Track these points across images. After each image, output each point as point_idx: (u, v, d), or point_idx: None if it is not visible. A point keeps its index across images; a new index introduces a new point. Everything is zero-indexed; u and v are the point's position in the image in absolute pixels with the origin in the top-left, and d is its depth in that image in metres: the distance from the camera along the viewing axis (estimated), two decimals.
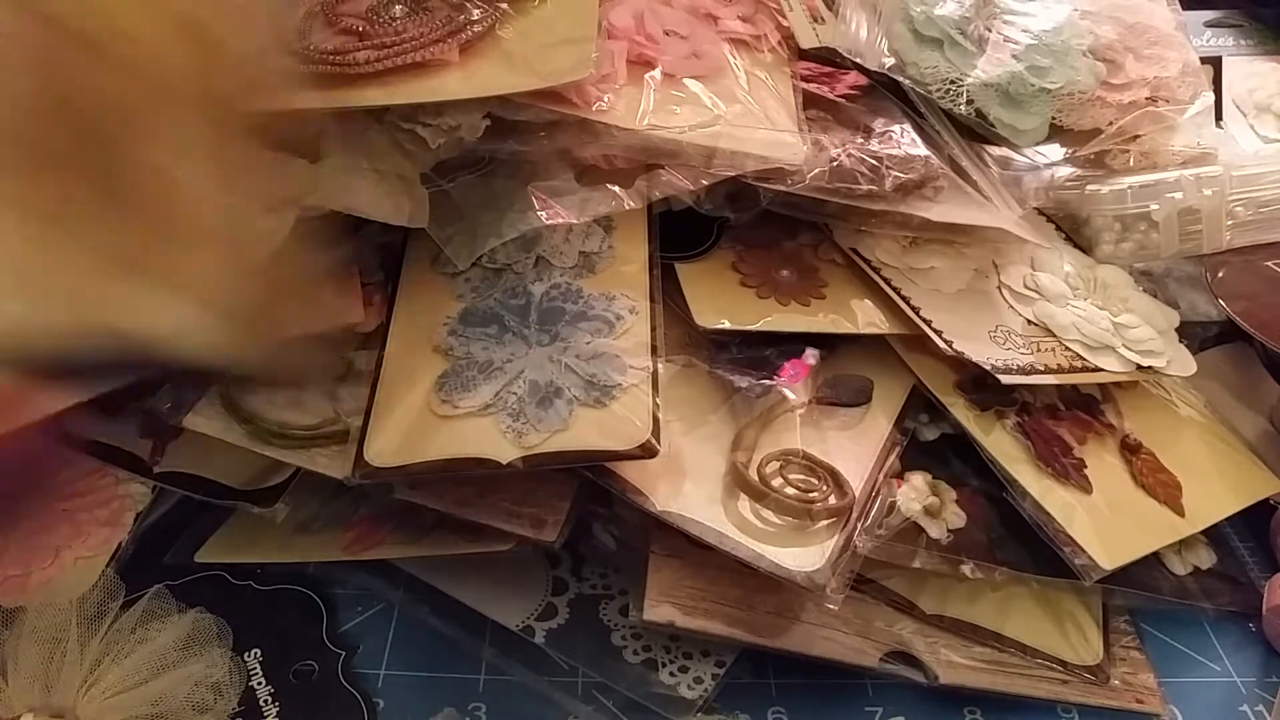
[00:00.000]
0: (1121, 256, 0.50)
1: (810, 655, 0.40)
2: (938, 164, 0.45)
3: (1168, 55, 0.52)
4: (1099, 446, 0.45)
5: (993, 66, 0.48)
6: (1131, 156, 0.51)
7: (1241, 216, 0.51)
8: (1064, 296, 0.47)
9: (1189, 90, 0.52)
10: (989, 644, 0.41)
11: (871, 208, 0.44)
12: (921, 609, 0.41)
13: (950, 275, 0.46)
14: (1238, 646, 0.43)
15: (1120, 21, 0.53)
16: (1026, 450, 0.43)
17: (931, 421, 0.45)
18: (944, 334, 0.43)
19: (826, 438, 0.42)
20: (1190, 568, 0.44)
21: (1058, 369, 0.44)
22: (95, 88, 0.22)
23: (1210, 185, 0.50)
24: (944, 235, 0.46)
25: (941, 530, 0.41)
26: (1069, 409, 0.46)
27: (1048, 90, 0.48)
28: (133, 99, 0.22)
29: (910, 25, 0.49)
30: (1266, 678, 0.42)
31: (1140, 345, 0.46)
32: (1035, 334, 0.46)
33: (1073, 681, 0.40)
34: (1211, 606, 0.43)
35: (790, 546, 0.38)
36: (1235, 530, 0.47)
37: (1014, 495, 0.42)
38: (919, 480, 0.42)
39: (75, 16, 0.21)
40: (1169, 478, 0.44)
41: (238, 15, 0.24)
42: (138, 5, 0.23)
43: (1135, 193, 0.50)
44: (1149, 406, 0.48)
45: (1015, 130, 0.48)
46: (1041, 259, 0.49)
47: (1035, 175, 0.49)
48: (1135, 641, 0.43)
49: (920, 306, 0.44)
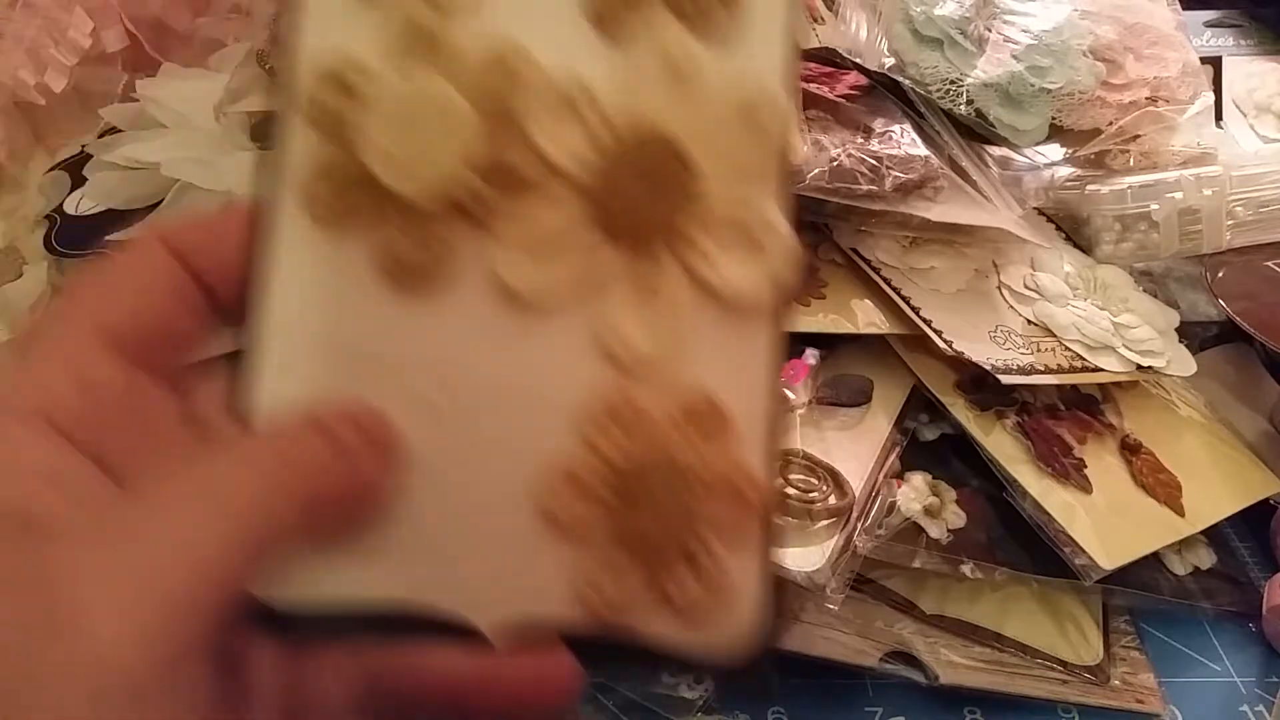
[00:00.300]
0: (1121, 256, 0.50)
1: (810, 655, 0.40)
2: (938, 164, 0.45)
3: (1168, 55, 0.52)
4: (1099, 446, 0.45)
5: (993, 66, 0.48)
6: (1131, 156, 0.51)
7: (1241, 216, 0.51)
8: (1064, 296, 0.47)
9: (1189, 90, 0.52)
10: (989, 644, 0.41)
11: (871, 208, 0.44)
12: (921, 609, 0.41)
13: (950, 275, 0.46)
14: (1238, 646, 0.43)
15: (1120, 21, 0.53)
16: (1026, 450, 0.43)
17: (931, 421, 0.45)
18: (944, 334, 0.43)
19: (826, 438, 0.42)
20: (1190, 568, 0.44)
21: (1058, 369, 0.44)
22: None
23: (1210, 185, 0.50)
24: (944, 235, 0.46)
25: (941, 530, 0.41)
26: (1069, 409, 0.46)
27: (1048, 90, 0.48)
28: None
29: (910, 25, 0.49)
30: (1266, 678, 0.42)
31: (1140, 345, 0.46)
32: (1035, 334, 0.46)
33: (1073, 681, 0.40)
34: (1211, 606, 0.43)
35: (790, 546, 0.38)
36: (1235, 530, 0.47)
37: (1014, 495, 0.42)
38: (919, 480, 0.42)
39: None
40: (1169, 478, 0.44)
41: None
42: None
43: (1135, 193, 0.50)
44: (1149, 406, 0.48)
45: (1015, 130, 0.48)
46: (1041, 259, 0.49)
47: (1035, 175, 0.49)
48: (1135, 641, 0.43)
49: (920, 306, 0.44)
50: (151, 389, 0.21)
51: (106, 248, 0.39)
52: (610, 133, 0.21)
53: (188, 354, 0.22)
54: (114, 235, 0.40)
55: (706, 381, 0.21)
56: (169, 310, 0.21)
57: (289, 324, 0.21)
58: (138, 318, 0.21)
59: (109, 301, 0.21)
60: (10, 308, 0.41)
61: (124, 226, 0.41)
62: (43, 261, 0.42)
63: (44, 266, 0.42)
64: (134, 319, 0.21)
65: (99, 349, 0.20)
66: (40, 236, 0.42)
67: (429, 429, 0.21)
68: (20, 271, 0.43)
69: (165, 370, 0.21)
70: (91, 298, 0.21)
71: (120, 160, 0.43)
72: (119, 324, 0.20)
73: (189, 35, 0.54)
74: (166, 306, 0.21)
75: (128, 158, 0.42)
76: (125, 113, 0.47)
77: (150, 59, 0.53)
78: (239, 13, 0.54)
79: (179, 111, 0.45)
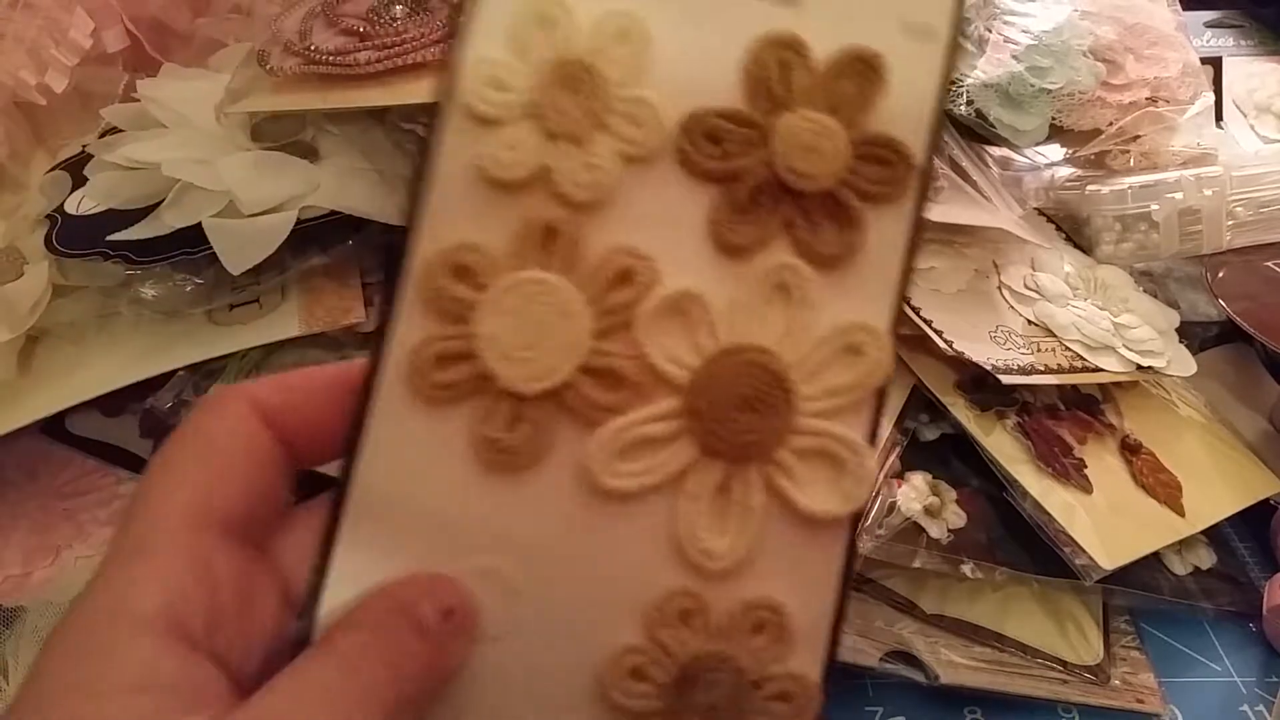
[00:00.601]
0: (1121, 256, 0.50)
1: None
2: (938, 164, 0.45)
3: (1168, 55, 0.52)
4: (1099, 446, 0.45)
5: (993, 67, 0.48)
6: (1132, 157, 0.51)
7: (1242, 217, 0.51)
8: (1064, 297, 0.47)
9: (1189, 90, 0.52)
10: (989, 644, 0.41)
11: None
12: (922, 609, 0.41)
13: (950, 275, 0.46)
14: (1238, 646, 0.43)
15: (1120, 22, 0.53)
16: (1027, 450, 0.43)
17: (932, 421, 0.45)
18: (944, 334, 0.43)
19: None
20: (1190, 568, 0.44)
21: (1058, 369, 0.44)
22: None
23: (1210, 185, 0.50)
24: (944, 235, 0.46)
25: (942, 530, 0.41)
26: (1069, 409, 0.46)
27: (1048, 90, 0.48)
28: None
29: None
30: (1266, 678, 0.42)
31: (1140, 345, 0.46)
32: (1035, 334, 0.46)
33: (1073, 681, 0.40)
34: (1211, 606, 0.43)
35: None
36: (1235, 530, 0.47)
37: (1014, 495, 0.42)
38: (919, 480, 0.42)
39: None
40: (1169, 478, 0.44)
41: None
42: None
43: (1135, 193, 0.50)
44: (1149, 406, 0.48)
45: (1015, 130, 0.48)
46: (1041, 259, 0.49)
47: (1035, 175, 0.50)
48: (1135, 641, 0.43)
49: (920, 306, 0.44)
50: (256, 569, 0.21)
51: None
52: (717, 347, 0.22)
53: (276, 516, 0.23)
54: (114, 235, 0.40)
55: (774, 590, 0.22)
56: (268, 483, 0.22)
57: (378, 493, 0.22)
58: (246, 495, 0.21)
59: (215, 484, 0.21)
60: (11, 308, 0.41)
61: (124, 226, 0.41)
62: (43, 261, 0.42)
63: (45, 266, 0.42)
64: (243, 498, 0.21)
65: (216, 537, 0.21)
66: (41, 236, 0.42)
67: (506, 608, 0.22)
68: (21, 271, 0.43)
69: (259, 537, 0.22)
70: (198, 479, 0.21)
71: (121, 160, 0.43)
72: (232, 507, 0.21)
73: (189, 35, 0.54)
74: (266, 480, 0.22)
75: (128, 158, 0.42)
76: (126, 113, 0.47)
77: (151, 59, 0.53)
78: (239, 13, 0.54)
79: (179, 111, 0.45)
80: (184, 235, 0.40)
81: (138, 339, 0.42)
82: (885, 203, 0.23)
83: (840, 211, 0.23)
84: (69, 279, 0.42)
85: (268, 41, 0.43)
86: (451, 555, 0.22)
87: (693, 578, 0.22)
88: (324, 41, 0.41)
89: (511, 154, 0.22)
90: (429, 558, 0.22)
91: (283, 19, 0.44)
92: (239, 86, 0.43)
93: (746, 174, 0.23)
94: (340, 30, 0.42)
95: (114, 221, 0.41)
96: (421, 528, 0.22)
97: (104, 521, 0.42)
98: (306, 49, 0.41)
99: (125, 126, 0.46)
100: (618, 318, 0.22)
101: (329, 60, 0.40)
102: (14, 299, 0.41)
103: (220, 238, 0.39)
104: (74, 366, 0.41)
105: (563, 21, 0.23)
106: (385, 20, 0.41)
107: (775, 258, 0.23)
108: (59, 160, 0.48)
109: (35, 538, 0.41)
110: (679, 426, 0.22)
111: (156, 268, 0.40)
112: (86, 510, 0.42)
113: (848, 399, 0.23)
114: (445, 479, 0.22)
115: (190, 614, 0.19)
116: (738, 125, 0.23)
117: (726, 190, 0.23)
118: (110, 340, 0.42)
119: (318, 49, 0.41)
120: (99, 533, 0.41)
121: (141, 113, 0.46)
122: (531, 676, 0.22)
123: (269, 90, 0.42)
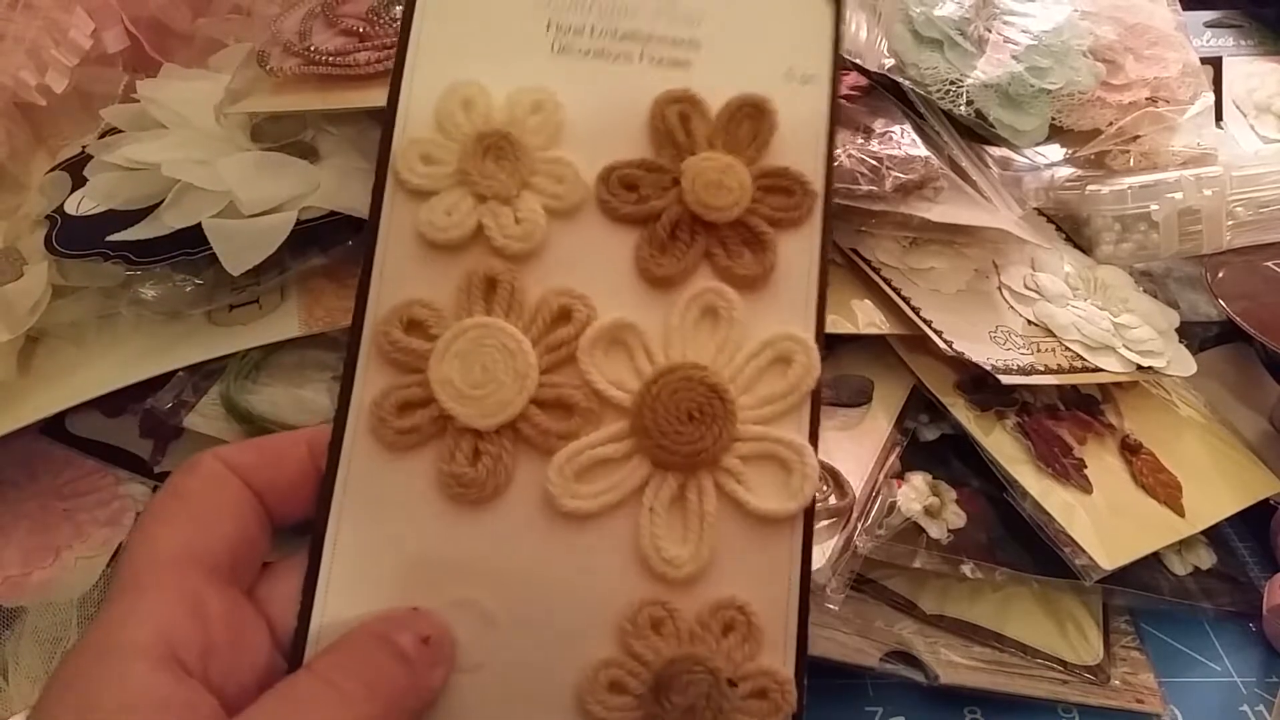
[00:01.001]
0: (1121, 257, 0.50)
1: (810, 655, 0.39)
2: (938, 164, 0.45)
3: (1168, 55, 0.52)
4: (1099, 447, 0.45)
5: (992, 67, 0.48)
6: (1131, 157, 0.51)
7: (1241, 217, 0.51)
8: (1064, 297, 0.47)
9: (1189, 90, 0.52)
10: (989, 644, 0.41)
11: (871, 208, 0.44)
12: (921, 609, 0.41)
13: (950, 275, 0.46)
14: (1238, 646, 0.43)
15: (1120, 22, 0.53)
16: (1026, 450, 0.43)
17: (931, 421, 0.45)
18: (944, 334, 0.43)
19: (827, 438, 0.42)
20: (1190, 568, 0.44)
21: (1058, 369, 0.44)
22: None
23: (1210, 185, 0.50)
24: (944, 235, 0.46)
25: (942, 530, 0.41)
26: (1069, 409, 0.46)
27: (1047, 91, 0.48)
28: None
29: (910, 26, 0.49)
30: (1266, 678, 0.42)
31: (1140, 345, 0.46)
32: (1035, 334, 0.46)
33: (1073, 681, 0.40)
34: (1211, 606, 0.43)
35: None
36: (1235, 530, 0.47)
37: (1014, 495, 0.42)
38: (919, 480, 0.42)
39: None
40: (1169, 478, 0.44)
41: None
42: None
43: (1135, 193, 0.50)
44: (1149, 406, 0.48)
45: (1015, 131, 0.48)
46: (1041, 259, 0.49)
47: (1035, 175, 0.49)
48: (1135, 641, 0.43)
49: (920, 306, 0.44)
50: (244, 611, 0.23)
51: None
52: (655, 369, 0.24)
53: (259, 563, 0.24)
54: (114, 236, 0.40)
55: (738, 591, 0.23)
56: (248, 531, 0.24)
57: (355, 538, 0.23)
58: (228, 541, 0.23)
59: (198, 531, 0.23)
60: (10, 308, 0.41)
61: (124, 227, 0.41)
62: (43, 262, 0.42)
63: (44, 267, 0.42)
64: (225, 543, 0.23)
65: (203, 577, 0.22)
66: (41, 237, 0.42)
67: (483, 636, 0.23)
68: (21, 271, 0.43)
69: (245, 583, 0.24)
70: (183, 527, 0.23)
71: (121, 161, 0.43)
72: (215, 551, 0.23)
73: (189, 35, 0.54)
74: (246, 528, 0.23)
75: (128, 158, 0.42)
76: (126, 113, 0.47)
77: (150, 59, 0.53)
78: (239, 13, 0.54)
79: (179, 112, 0.45)
80: (184, 236, 0.40)
81: (138, 339, 0.42)
82: (792, 226, 0.25)
83: (753, 238, 0.25)
84: (69, 279, 0.42)
85: (267, 42, 0.43)
86: (428, 591, 0.23)
87: (660, 587, 0.23)
88: (324, 42, 0.41)
89: (448, 219, 0.25)
90: (407, 595, 0.23)
91: (282, 19, 0.44)
92: (239, 87, 0.43)
93: (663, 213, 0.25)
94: (340, 30, 0.42)
95: (114, 222, 0.41)
96: (398, 567, 0.23)
97: (104, 522, 0.42)
98: (306, 49, 0.41)
99: (125, 127, 0.46)
100: (561, 352, 0.24)
101: (329, 61, 0.40)
102: (14, 299, 0.41)
103: (220, 238, 0.39)
104: (74, 367, 0.41)
105: (480, 101, 0.25)
106: (385, 20, 0.41)
107: (700, 284, 0.25)
108: (59, 161, 0.48)
109: (35, 538, 0.41)
110: (630, 446, 0.24)
111: (156, 268, 0.40)
112: (86, 510, 0.42)
113: (784, 404, 0.24)
114: (416, 519, 0.24)
115: (183, 644, 0.21)
116: (649, 172, 0.25)
117: (647, 230, 0.25)
118: (110, 341, 0.42)
119: (317, 49, 0.41)
120: (99, 533, 0.41)
121: (141, 113, 0.46)
122: (512, 700, 0.23)
123: (269, 91, 0.42)
